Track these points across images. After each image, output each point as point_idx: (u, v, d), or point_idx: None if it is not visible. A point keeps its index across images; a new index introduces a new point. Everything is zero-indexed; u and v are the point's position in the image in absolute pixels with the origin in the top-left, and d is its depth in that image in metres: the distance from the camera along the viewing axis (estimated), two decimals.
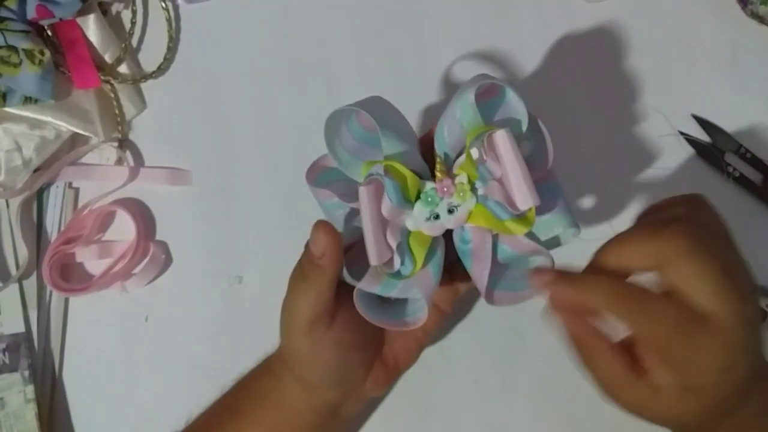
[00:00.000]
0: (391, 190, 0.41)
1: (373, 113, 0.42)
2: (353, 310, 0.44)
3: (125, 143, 0.66)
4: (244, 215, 0.65)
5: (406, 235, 0.44)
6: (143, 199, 0.65)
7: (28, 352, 0.61)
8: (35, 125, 0.62)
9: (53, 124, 0.62)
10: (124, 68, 0.66)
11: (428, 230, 0.44)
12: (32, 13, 0.59)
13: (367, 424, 0.61)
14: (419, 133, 0.61)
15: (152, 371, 0.63)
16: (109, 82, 0.64)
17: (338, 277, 0.45)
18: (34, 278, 0.63)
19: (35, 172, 0.63)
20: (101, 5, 0.65)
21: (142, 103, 0.66)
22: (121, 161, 0.65)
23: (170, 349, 0.63)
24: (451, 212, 0.44)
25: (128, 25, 0.66)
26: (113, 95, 0.65)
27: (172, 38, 0.66)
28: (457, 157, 0.45)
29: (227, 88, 0.66)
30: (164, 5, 0.66)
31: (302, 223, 0.62)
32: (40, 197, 0.64)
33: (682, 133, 0.63)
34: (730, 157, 0.62)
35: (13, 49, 0.58)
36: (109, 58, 0.65)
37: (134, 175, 0.65)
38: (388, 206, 0.42)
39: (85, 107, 0.63)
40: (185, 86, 0.66)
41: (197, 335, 0.63)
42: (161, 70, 0.66)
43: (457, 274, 0.51)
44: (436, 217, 0.44)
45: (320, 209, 0.49)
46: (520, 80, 0.65)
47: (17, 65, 0.58)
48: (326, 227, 0.43)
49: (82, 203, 0.64)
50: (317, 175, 0.48)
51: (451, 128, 0.44)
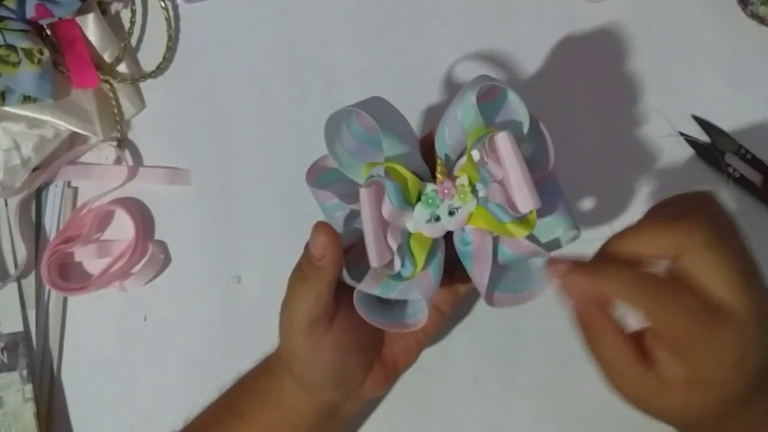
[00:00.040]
0: (391, 192, 0.41)
1: (373, 114, 0.42)
2: (353, 311, 0.43)
3: (124, 143, 0.66)
4: (243, 215, 0.64)
5: (406, 236, 0.44)
6: (142, 198, 0.65)
7: (26, 351, 0.61)
8: (34, 124, 0.62)
9: (52, 123, 0.62)
10: (123, 68, 0.65)
11: (429, 232, 0.44)
12: (31, 12, 0.59)
13: (366, 424, 0.61)
14: (419, 133, 0.61)
15: (151, 371, 0.63)
16: (108, 81, 0.64)
17: (338, 278, 0.45)
18: (32, 277, 0.63)
19: (34, 171, 0.63)
20: (100, 4, 0.65)
21: (141, 102, 0.66)
22: (120, 160, 0.65)
23: (169, 348, 0.63)
24: (451, 214, 0.44)
25: (127, 24, 0.66)
26: (112, 95, 0.65)
27: (171, 38, 0.66)
28: (457, 158, 0.45)
29: (226, 87, 0.66)
30: (163, 5, 0.65)
31: (301, 223, 0.62)
32: (38, 196, 0.64)
33: (682, 133, 0.62)
34: (730, 157, 0.62)
35: (12, 48, 0.58)
36: (108, 57, 0.65)
37: (133, 174, 0.65)
38: (388, 208, 0.42)
39: (84, 106, 0.63)
40: (184, 86, 0.66)
41: (196, 335, 0.63)
42: (160, 69, 0.66)
43: (456, 275, 0.51)
44: (436, 218, 0.44)
45: (319, 209, 0.49)
46: (519, 80, 0.65)
47: (16, 64, 0.58)
48: (326, 229, 0.43)
49: (80, 202, 0.64)
50: (317, 175, 0.47)
51: (452, 130, 0.44)
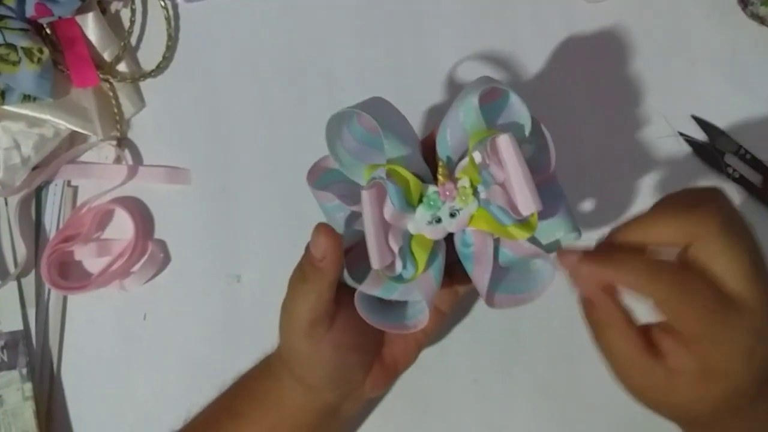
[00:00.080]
0: (394, 194, 0.41)
1: (375, 115, 0.42)
2: (353, 312, 0.43)
3: (124, 142, 0.66)
4: (242, 214, 0.64)
5: (407, 238, 0.44)
6: (142, 197, 0.65)
7: (26, 349, 0.61)
8: (34, 123, 0.62)
9: (52, 122, 0.62)
10: (123, 67, 0.65)
11: (430, 234, 0.44)
12: (31, 11, 0.59)
13: (365, 423, 0.61)
14: (420, 133, 0.61)
15: (150, 369, 0.63)
16: (107, 80, 0.64)
17: (338, 279, 0.45)
18: (32, 276, 0.63)
19: (34, 170, 0.63)
20: (100, 4, 0.64)
21: (140, 101, 0.66)
22: (119, 160, 0.65)
23: (168, 347, 0.63)
24: (453, 216, 0.44)
25: (127, 23, 0.66)
26: (112, 94, 0.64)
27: (171, 37, 0.66)
28: (459, 160, 0.45)
29: (226, 87, 0.66)
30: (163, 4, 0.65)
31: (300, 222, 0.62)
32: (38, 195, 0.64)
33: (681, 134, 0.62)
34: (729, 158, 0.62)
35: (11, 47, 0.58)
36: (108, 56, 0.65)
37: (133, 173, 0.65)
38: (390, 210, 0.42)
39: (83, 105, 0.63)
40: (184, 85, 0.66)
41: (195, 334, 0.63)
42: (160, 68, 0.66)
43: (456, 275, 0.50)
44: (437, 220, 0.44)
45: (319, 208, 0.49)
46: (519, 80, 0.65)
47: (16, 63, 0.58)
48: (327, 230, 0.43)
49: (80, 201, 0.64)
50: (318, 176, 0.47)
51: (453, 131, 0.44)
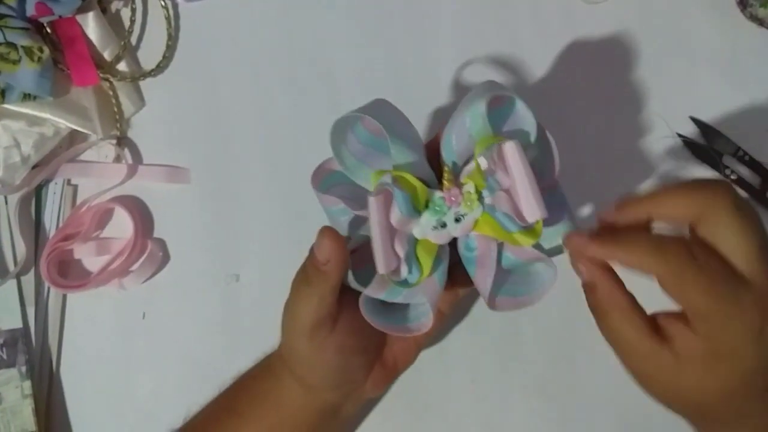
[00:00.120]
0: (401, 200, 0.41)
1: (380, 119, 0.42)
2: (356, 313, 0.44)
3: (124, 141, 0.65)
4: (242, 213, 0.64)
5: (413, 243, 0.44)
6: (141, 196, 0.65)
7: (25, 347, 0.61)
8: (34, 122, 0.62)
9: (52, 121, 0.62)
10: (123, 66, 0.65)
11: (435, 238, 0.44)
12: (32, 10, 0.59)
13: (365, 423, 0.61)
14: (421, 134, 0.61)
15: (149, 368, 0.63)
16: (108, 79, 0.64)
17: (342, 282, 0.45)
18: (32, 274, 0.63)
19: (34, 168, 0.63)
20: (100, 3, 0.64)
21: (140, 100, 0.66)
22: (119, 159, 0.65)
23: (167, 346, 0.63)
24: (457, 221, 0.44)
25: (127, 23, 0.66)
26: (112, 93, 0.64)
27: (171, 36, 0.66)
28: (464, 165, 0.45)
29: (226, 86, 0.66)
30: (163, 3, 0.65)
31: (300, 221, 0.63)
32: (38, 194, 0.64)
33: (680, 135, 0.63)
34: (728, 159, 0.62)
35: (12, 46, 0.58)
36: (108, 55, 0.64)
37: (132, 172, 0.65)
38: (397, 216, 0.42)
39: (83, 104, 0.63)
40: (184, 84, 0.66)
41: (194, 333, 0.63)
42: (160, 68, 0.66)
43: (456, 276, 0.50)
44: (442, 225, 0.44)
45: (319, 208, 0.49)
46: (518, 80, 0.65)
47: (16, 62, 0.58)
48: (331, 233, 0.43)
49: (80, 200, 0.64)
50: (322, 178, 0.48)
51: (459, 137, 0.44)
